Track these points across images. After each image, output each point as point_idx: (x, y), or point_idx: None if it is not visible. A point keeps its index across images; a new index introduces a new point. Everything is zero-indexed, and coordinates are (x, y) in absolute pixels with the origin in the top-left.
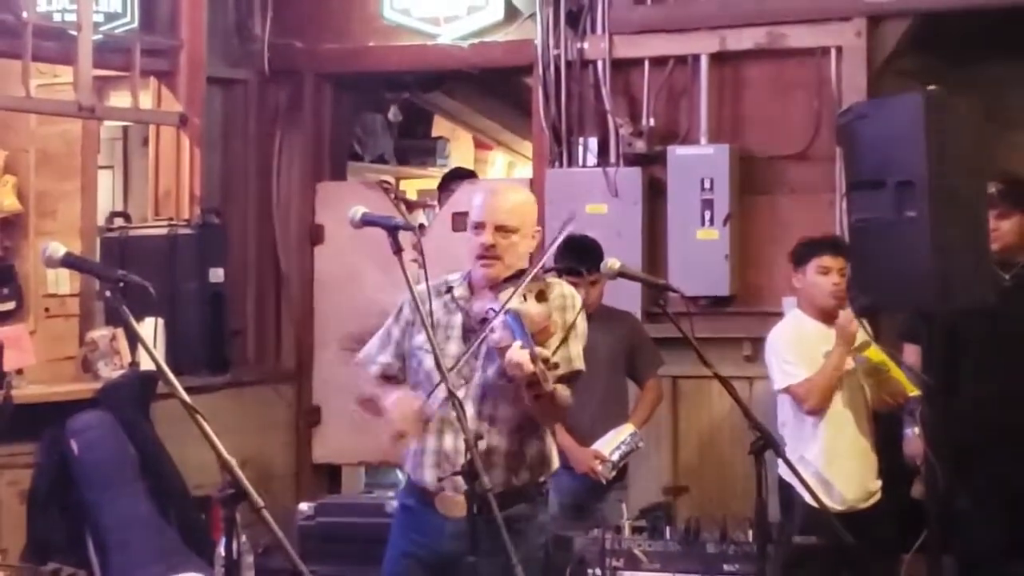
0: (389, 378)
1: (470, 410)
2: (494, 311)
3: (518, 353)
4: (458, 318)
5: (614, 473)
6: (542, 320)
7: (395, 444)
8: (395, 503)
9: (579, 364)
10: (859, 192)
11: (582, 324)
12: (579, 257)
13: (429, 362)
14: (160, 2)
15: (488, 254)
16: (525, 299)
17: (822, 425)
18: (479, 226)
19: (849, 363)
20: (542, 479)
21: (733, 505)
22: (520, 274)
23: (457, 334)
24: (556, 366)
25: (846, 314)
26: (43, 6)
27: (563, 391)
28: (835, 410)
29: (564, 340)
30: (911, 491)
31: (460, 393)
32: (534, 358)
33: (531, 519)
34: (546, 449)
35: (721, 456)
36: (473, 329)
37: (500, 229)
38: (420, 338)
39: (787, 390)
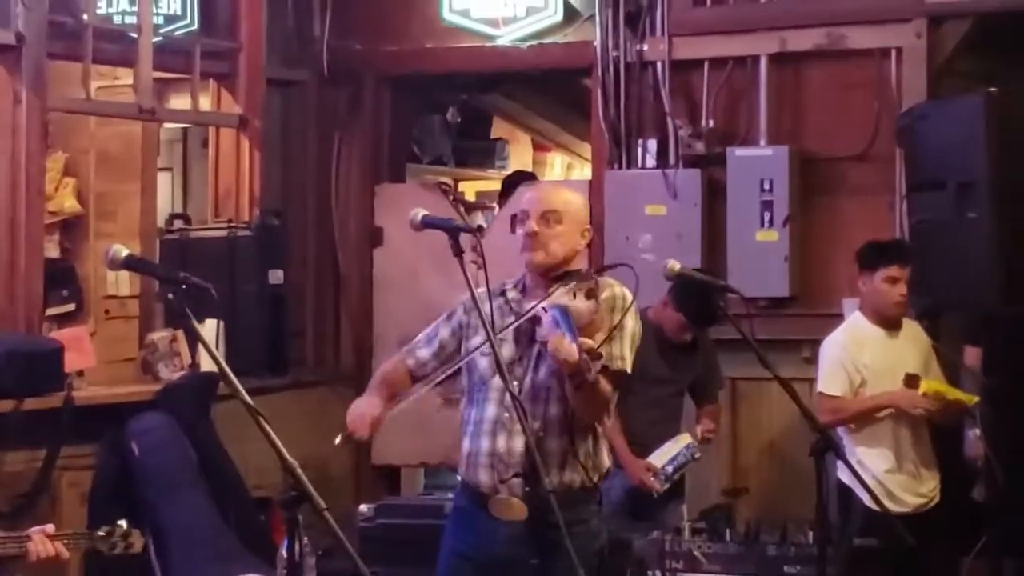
0: (419, 377)
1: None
2: (544, 309)
3: (561, 342)
4: (511, 320)
5: (667, 486)
6: (588, 315)
7: (341, 442)
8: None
9: (622, 365)
10: (920, 193)
11: (631, 324)
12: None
13: (484, 364)
14: (219, 5)
15: (530, 241)
16: (575, 296)
17: (881, 427)
18: (524, 215)
19: (889, 410)
20: (595, 481)
21: (792, 507)
22: (569, 275)
23: (510, 336)
24: (600, 356)
25: (914, 395)
26: (103, 8)
27: (605, 385)
28: (894, 413)
29: (609, 338)
30: (972, 493)
31: None
32: (579, 348)
33: (586, 522)
34: (599, 451)
35: (781, 458)
36: (525, 330)
37: (544, 216)
38: (476, 340)
39: (818, 395)
